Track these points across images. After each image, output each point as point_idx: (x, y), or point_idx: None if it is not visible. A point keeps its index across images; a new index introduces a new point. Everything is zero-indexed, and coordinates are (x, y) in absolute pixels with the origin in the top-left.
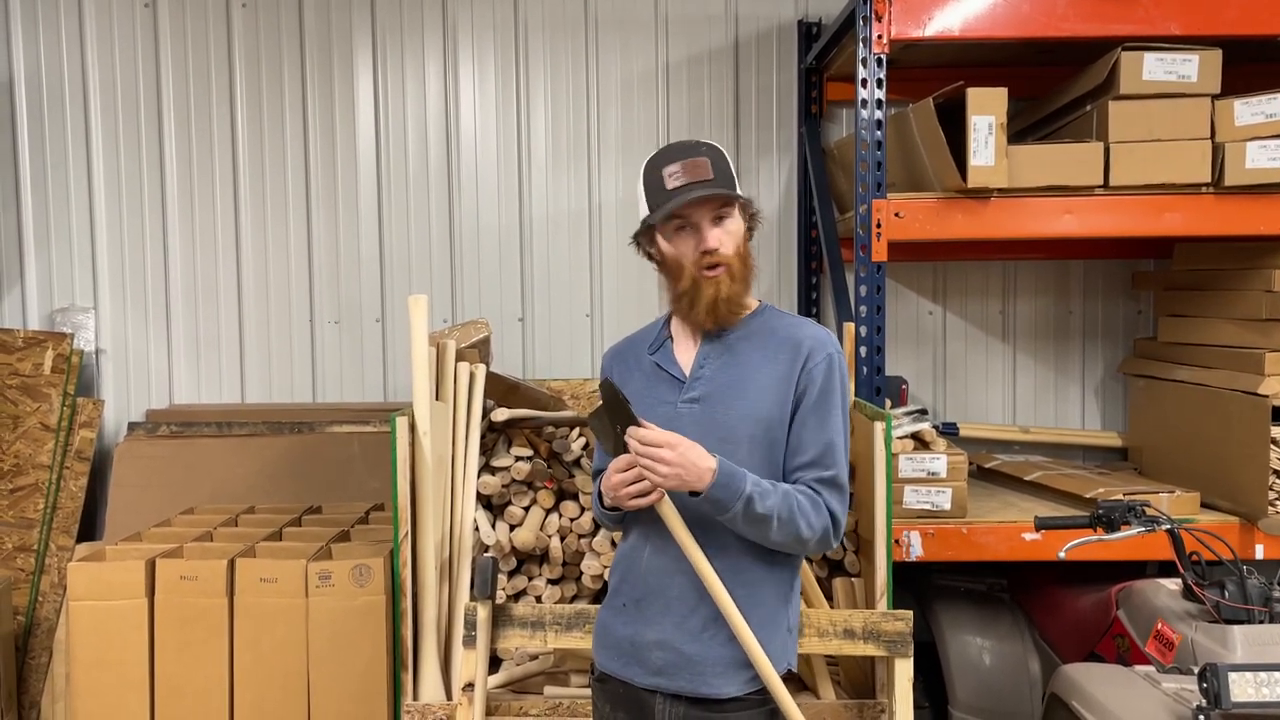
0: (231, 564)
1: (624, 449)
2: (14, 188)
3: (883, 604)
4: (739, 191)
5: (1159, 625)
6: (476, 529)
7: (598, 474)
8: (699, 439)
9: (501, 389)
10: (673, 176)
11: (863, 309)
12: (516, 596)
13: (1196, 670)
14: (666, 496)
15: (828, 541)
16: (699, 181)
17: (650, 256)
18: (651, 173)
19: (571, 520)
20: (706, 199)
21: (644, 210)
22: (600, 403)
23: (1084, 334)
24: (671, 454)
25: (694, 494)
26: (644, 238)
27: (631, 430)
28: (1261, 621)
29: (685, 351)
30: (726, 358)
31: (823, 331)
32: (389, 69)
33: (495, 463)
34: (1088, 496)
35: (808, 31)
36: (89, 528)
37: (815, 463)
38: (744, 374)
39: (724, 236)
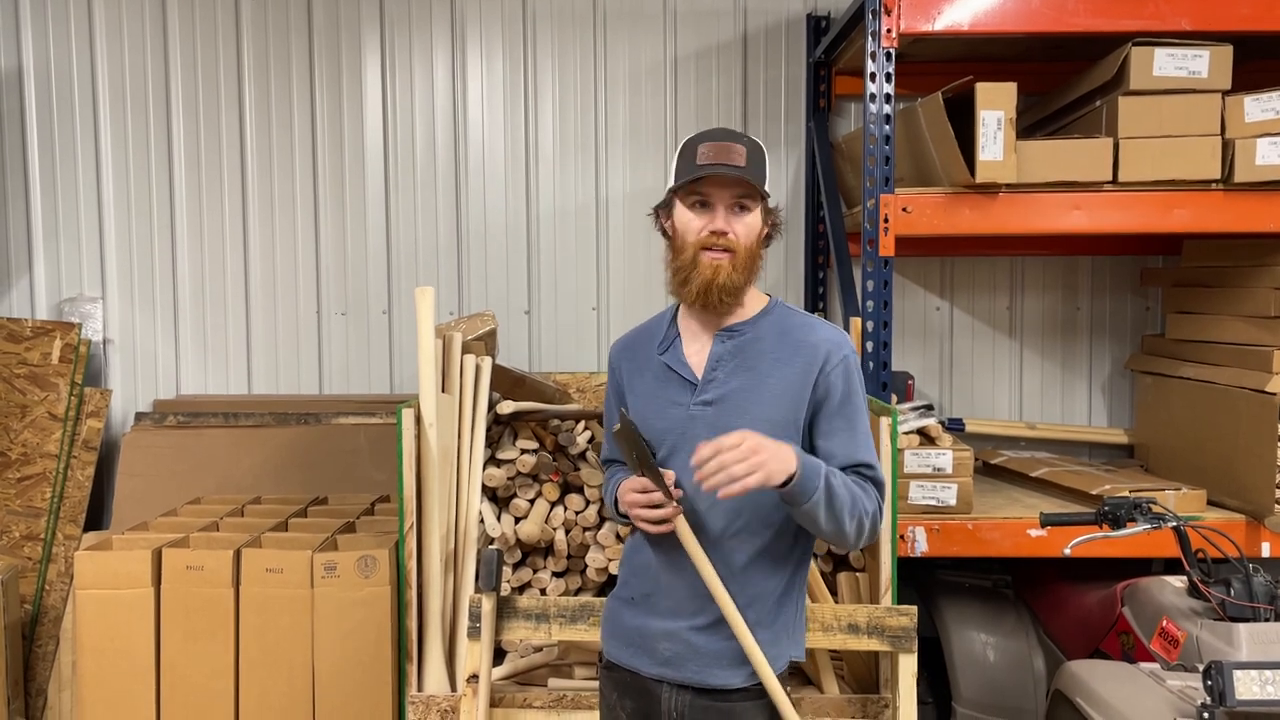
0: (237, 554)
1: (643, 471)
2: (23, 178)
3: (887, 599)
4: (767, 190)
5: (1164, 622)
6: (482, 521)
7: (606, 463)
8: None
9: (507, 382)
10: (705, 154)
11: (870, 304)
12: (521, 589)
13: (1201, 668)
14: (683, 518)
15: (874, 532)
16: (730, 165)
17: (664, 232)
18: (687, 147)
19: (577, 513)
20: (731, 181)
21: (671, 183)
22: (621, 424)
23: (1091, 330)
24: (766, 455)
25: (779, 486)
26: (663, 210)
27: (700, 452)
28: (1267, 619)
29: (695, 351)
30: (740, 359)
31: (837, 333)
32: (397, 61)
33: (501, 455)
34: (1094, 493)
35: (816, 25)
36: (96, 517)
37: (850, 467)
38: (758, 378)
39: (739, 225)
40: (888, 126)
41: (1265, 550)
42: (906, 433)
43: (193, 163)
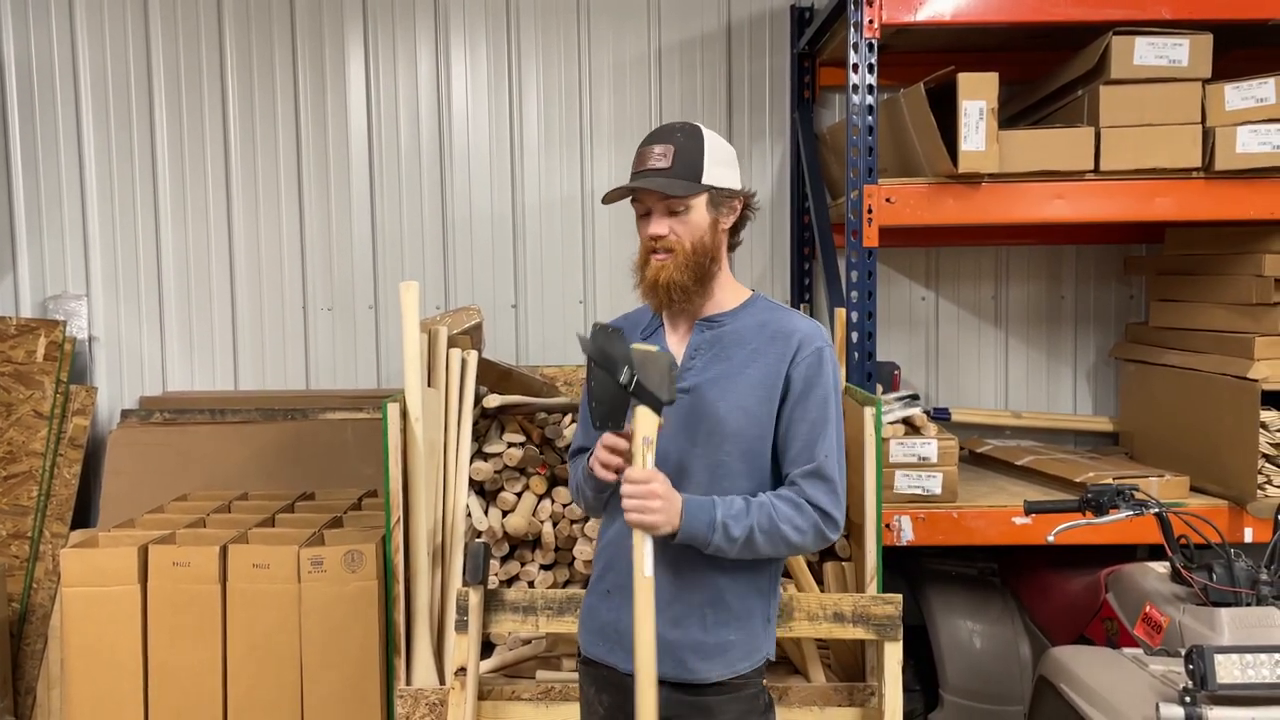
0: (224, 550)
1: (616, 419)
2: (5, 174)
3: (873, 588)
4: (707, 181)
5: (1147, 608)
6: (469, 515)
7: (576, 454)
8: (688, 429)
9: (494, 375)
10: (636, 161)
11: (854, 294)
12: (509, 582)
13: (1183, 652)
14: None
15: (824, 536)
16: (651, 170)
17: None
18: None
19: (564, 506)
20: (646, 191)
21: None
22: (591, 366)
23: (1076, 319)
24: (661, 488)
25: (670, 537)
26: None
27: (627, 474)
28: (1249, 604)
29: (676, 341)
30: (717, 349)
31: (812, 325)
32: (380, 54)
33: (488, 449)
34: (1078, 480)
35: (800, 16)
36: (83, 515)
37: (799, 456)
38: (733, 367)
39: (675, 225)
40: (870, 117)
41: (1248, 535)
42: (891, 422)
43: (176, 157)
